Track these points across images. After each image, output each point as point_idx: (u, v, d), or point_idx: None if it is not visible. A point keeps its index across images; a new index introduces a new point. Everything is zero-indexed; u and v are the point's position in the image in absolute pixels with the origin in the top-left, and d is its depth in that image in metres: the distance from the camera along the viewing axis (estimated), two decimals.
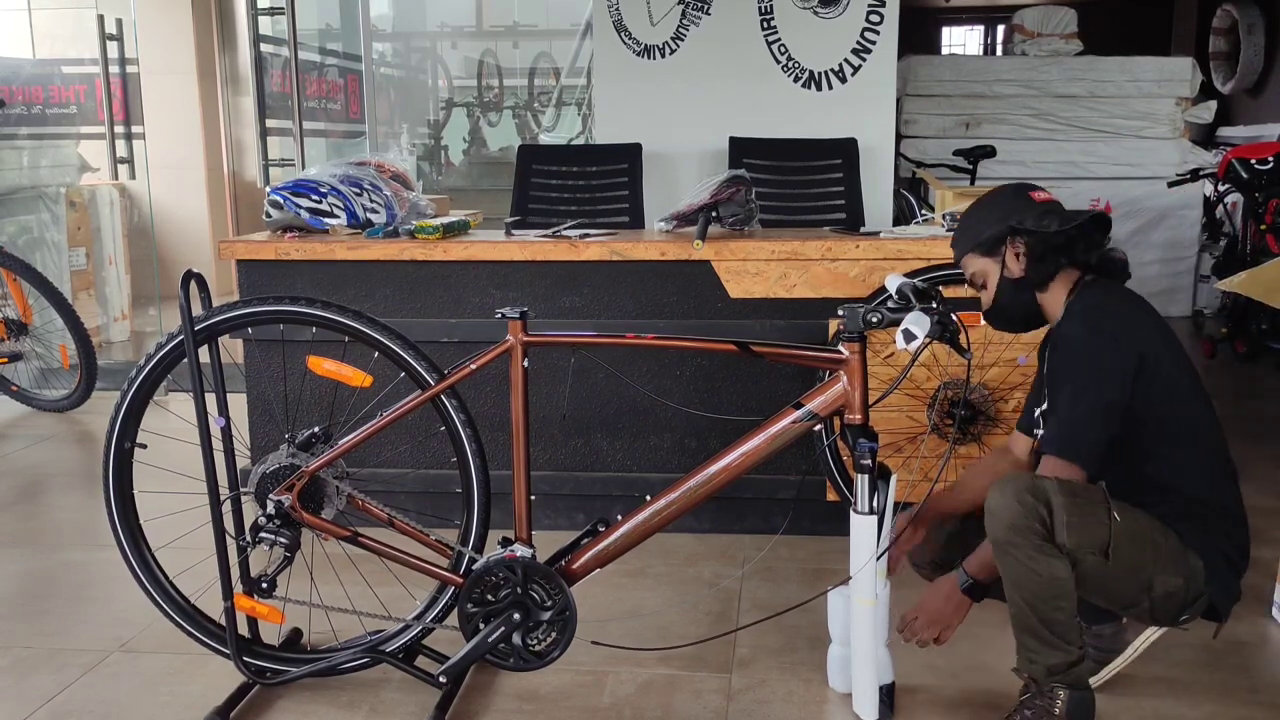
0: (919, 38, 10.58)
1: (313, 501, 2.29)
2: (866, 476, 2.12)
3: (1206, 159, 6.68)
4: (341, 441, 2.28)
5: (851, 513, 2.15)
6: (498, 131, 8.40)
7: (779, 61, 4.60)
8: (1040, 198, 2.26)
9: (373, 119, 7.58)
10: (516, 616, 2.20)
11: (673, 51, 4.66)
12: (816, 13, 4.55)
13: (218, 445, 2.29)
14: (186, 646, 2.44)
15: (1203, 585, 2.17)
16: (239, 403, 2.90)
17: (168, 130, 7.16)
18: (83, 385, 4.76)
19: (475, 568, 2.24)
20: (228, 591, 2.28)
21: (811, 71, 4.59)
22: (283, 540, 2.21)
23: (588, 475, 3.32)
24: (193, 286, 2.24)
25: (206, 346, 2.32)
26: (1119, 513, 2.10)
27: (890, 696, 2.26)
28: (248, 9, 6.08)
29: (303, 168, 5.47)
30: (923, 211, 5.52)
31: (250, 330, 2.59)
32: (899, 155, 6.48)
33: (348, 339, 2.34)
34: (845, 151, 4.44)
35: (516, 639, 2.21)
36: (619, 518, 2.28)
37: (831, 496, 3.16)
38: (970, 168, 6.31)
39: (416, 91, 8.71)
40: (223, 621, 2.33)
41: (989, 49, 11.96)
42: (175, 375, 2.36)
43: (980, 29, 12.18)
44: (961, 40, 12.33)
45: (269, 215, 3.37)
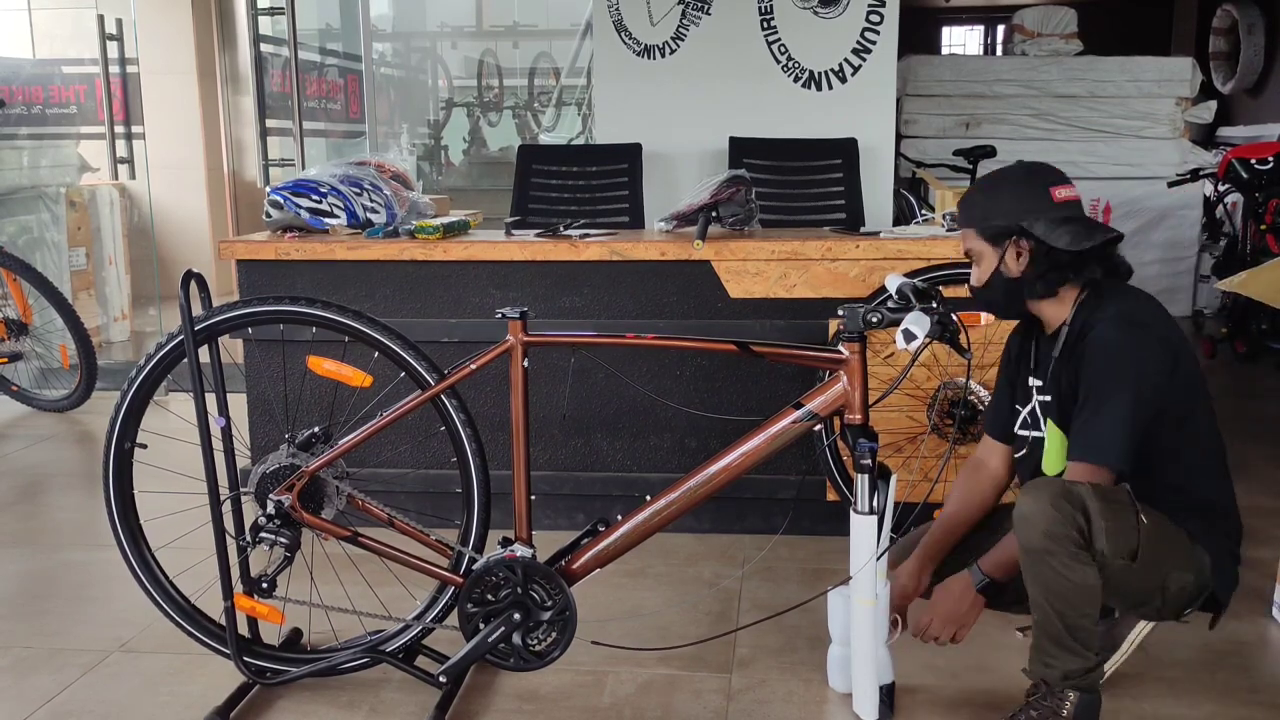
0: (919, 38, 10.58)
1: (313, 501, 2.29)
2: (866, 476, 2.11)
3: (1206, 159, 6.68)
4: (341, 441, 2.28)
5: (851, 513, 2.15)
6: (498, 131, 8.41)
7: (779, 61, 4.60)
8: (1060, 196, 2.17)
9: (373, 119, 7.58)
10: (516, 616, 2.20)
11: (673, 51, 4.66)
12: (816, 13, 4.55)
13: (218, 445, 2.29)
14: (186, 646, 2.44)
15: (1210, 579, 2.17)
16: (239, 403, 2.90)
17: (168, 130, 7.16)
18: (83, 385, 4.76)
19: (475, 568, 2.24)
20: (228, 591, 2.28)
21: (811, 71, 4.59)
22: (283, 540, 2.21)
23: (588, 475, 3.32)
24: (193, 286, 2.24)
25: (206, 346, 2.32)
26: (1146, 517, 2.08)
27: (890, 696, 2.26)
28: (248, 9, 6.08)
29: (303, 168, 5.47)
30: (923, 211, 5.52)
31: (250, 330, 2.59)
32: (899, 155, 6.48)
33: (348, 339, 2.34)
34: (845, 151, 4.44)
35: (516, 639, 2.21)
36: (619, 518, 2.28)
37: (831, 496, 3.16)
38: (970, 168, 6.31)
39: (416, 91, 8.71)
40: (223, 621, 2.32)
41: (989, 49, 11.97)
42: (175, 375, 2.36)
43: (980, 29, 12.18)
44: (961, 40, 12.34)
45: (269, 215, 3.37)
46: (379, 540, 2.29)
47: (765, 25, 4.59)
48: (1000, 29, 11.31)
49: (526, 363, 2.23)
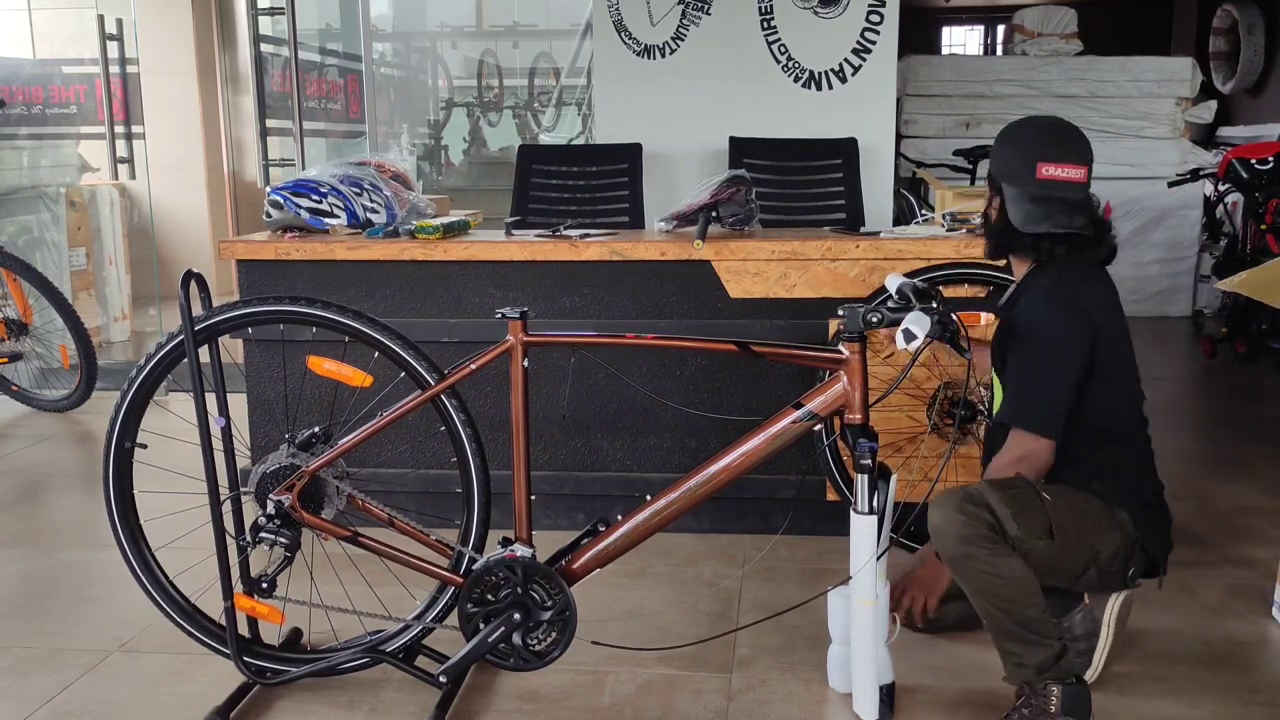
0: (919, 38, 10.59)
1: (313, 501, 2.29)
2: (866, 476, 2.12)
3: (1206, 159, 6.68)
4: (341, 441, 2.28)
5: (851, 513, 2.15)
6: (498, 131, 8.41)
7: (779, 61, 4.60)
8: (1045, 174, 2.27)
9: (373, 119, 7.58)
10: (517, 616, 2.20)
11: (673, 51, 4.66)
12: (816, 13, 4.55)
13: (218, 445, 2.29)
14: (186, 646, 2.44)
15: (1134, 533, 2.25)
16: (239, 403, 2.90)
17: (168, 130, 7.16)
18: (83, 385, 4.76)
19: (475, 568, 2.24)
20: (228, 591, 2.28)
21: (811, 71, 4.59)
22: (283, 540, 2.21)
23: (588, 475, 3.32)
24: (193, 286, 2.24)
25: (206, 346, 2.32)
26: (1046, 493, 2.18)
27: (890, 696, 2.26)
28: (248, 9, 6.09)
29: (303, 168, 5.47)
30: (923, 211, 5.52)
31: (250, 330, 2.59)
32: (899, 155, 6.48)
33: (348, 339, 2.34)
34: (845, 151, 4.45)
35: (517, 639, 2.21)
36: (619, 518, 2.28)
37: (831, 496, 3.16)
38: (970, 168, 6.31)
39: (416, 91, 8.71)
40: (223, 621, 2.32)
41: (989, 49, 11.97)
42: (175, 375, 2.36)
43: (980, 29, 12.18)
44: (961, 40, 12.34)
45: (269, 215, 3.37)
46: (379, 540, 2.29)
47: (765, 25, 4.59)
48: (1000, 29, 11.31)
49: (526, 363, 2.23)
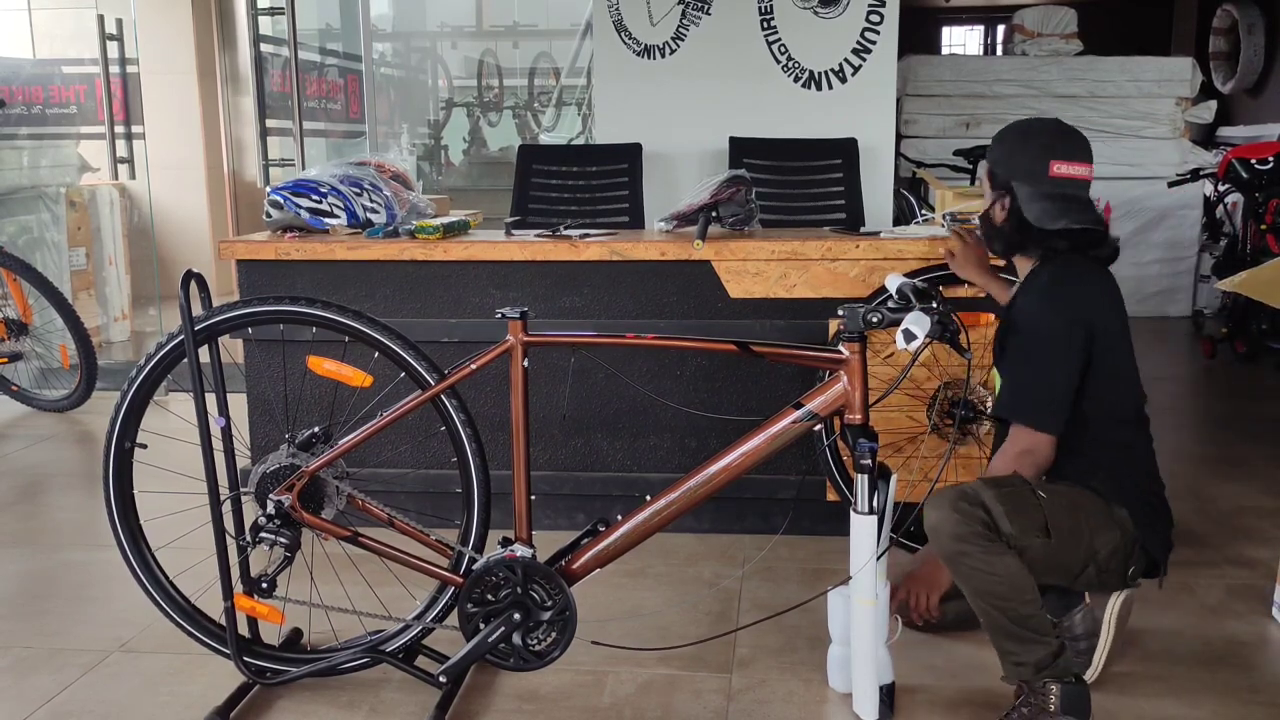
0: (919, 38, 10.59)
1: (313, 501, 2.29)
2: (866, 476, 2.12)
3: (1206, 159, 6.68)
4: (341, 441, 2.28)
5: (851, 513, 2.15)
6: (498, 131, 8.41)
7: (779, 61, 4.60)
8: (1058, 172, 2.29)
9: (373, 119, 7.58)
10: (517, 616, 2.20)
11: (673, 51, 4.66)
12: (816, 13, 4.55)
13: (218, 445, 2.29)
14: (186, 646, 2.44)
15: (1134, 531, 2.25)
16: (239, 403, 2.90)
17: (168, 130, 7.16)
18: (83, 385, 4.76)
19: (475, 568, 2.24)
20: (228, 591, 2.28)
21: (811, 71, 4.59)
22: (283, 540, 2.21)
23: (588, 475, 3.32)
24: (193, 286, 2.24)
25: (206, 346, 2.32)
26: (1043, 491, 2.19)
27: (890, 696, 2.26)
28: (248, 9, 6.09)
29: (303, 168, 5.47)
30: (923, 211, 5.52)
31: (250, 330, 2.59)
32: (899, 155, 6.48)
33: (348, 339, 2.34)
34: (845, 151, 4.45)
35: (517, 639, 2.21)
36: (619, 518, 2.28)
37: (831, 496, 3.16)
38: (970, 168, 6.31)
39: (416, 91, 8.72)
40: (223, 621, 2.32)
41: (989, 49, 11.97)
42: (175, 375, 2.36)
43: (980, 29, 12.18)
44: (961, 40, 12.34)
45: (269, 215, 3.37)
46: (379, 540, 2.29)
47: (765, 25, 4.59)
48: (1000, 29, 11.31)
49: (526, 363, 2.23)
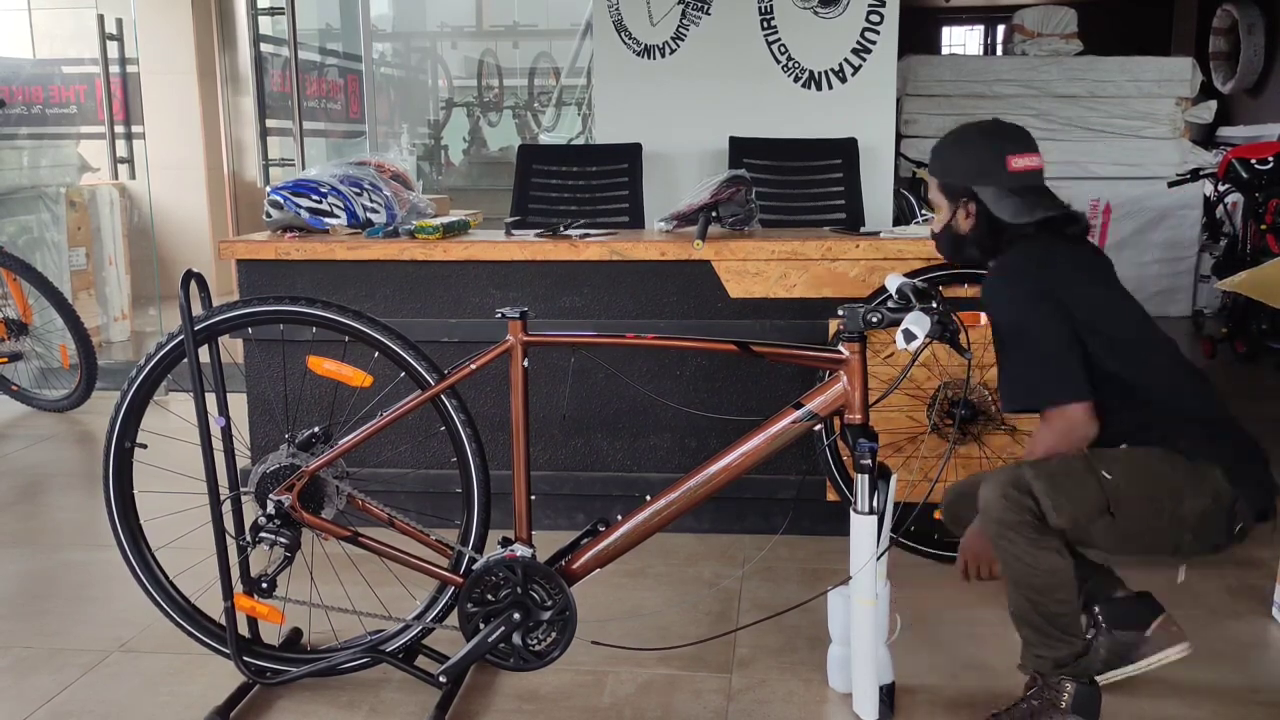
0: (919, 38, 10.58)
1: (313, 501, 2.29)
2: (866, 476, 2.12)
3: (1206, 159, 6.68)
4: (341, 441, 2.28)
5: (851, 513, 2.15)
6: (498, 131, 8.41)
7: (779, 61, 4.60)
8: (1016, 166, 2.24)
9: (373, 119, 7.59)
10: (516, 616, 2.20)
11: (673, 51, 4.66)
12: (816, 13, 4.55)
13: (218, 445, 2.29)
14: (186, 646, 2.44)
15: (1231, 489, 2.09)
16: (239, 403, 2.90)
17: (168, 130, 7.16)
18: (83, 385, 4.76)
19: (475, 568, 2.24)
20: (228, 591, 2.28)
21: (811, 71, 4.59)
22: (283, 540, 2.21)
23: (588, 475, 3.32)
24: (193, 286, 2.24)
25: (206, 346, 2.32)
26: (1107, 468, 2.07)
27: (890, 696, 2.26)
28: (248, 9, 6.09)
29: (303, 168, 5.48)
30: (923, 211, 5.52)
31: (250, 330, 2.59)
32: (899, 155, 6.47)
33: (348, 339, 2.34)
34: (845, 151, 4.44)
35: (516, 639, 2.21)
36: (619, 518, 2.28)
37: (831, 496, 3.16)
38: None
39: (416, 91, 8.72)
40: (223, 621, 2.33)
41: (989, 49, 11.97)
42: (175, 375, 2.36)
43: (980, 29, 12.18)
44: (961, 40, 12.34)
45: (269, 215, 3.37)
46: (379, 540, 2.29)
47: (765, 25, 4.58)
48: (1000, 29, 11.30)
49: (526, 363, 2.23)
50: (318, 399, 3.19)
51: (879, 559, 2.15)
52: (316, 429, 2.35)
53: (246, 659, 2.34)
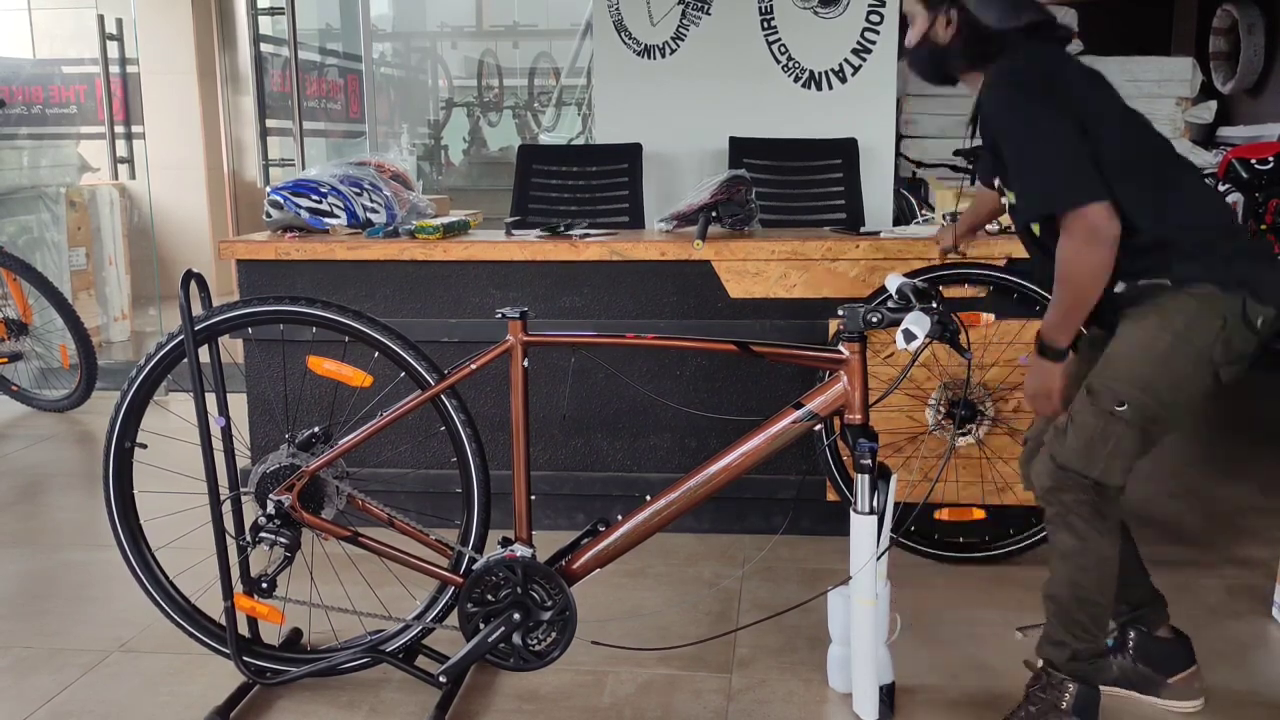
0: None
1: (313, 501, 2.29)
2: (866, 476, 2.12)
3: (1206, 159, 6.67)
4: (341, 441, 2.28)
5: (851, 513, 2.15)
6: (498, 131, 8.42)
7: (779, 61, 4.60)
8: None
9: (373, 119, 7.59)
10: (516, 616, 2.20)
11: (673, 51, 4.66)
12: (816, 13, 4.55)
13: (218, 445, 2.29)
14: (186, 646, 2.44)
15: (1235, 292, 2.00)
16: (239, 403, 2.90)
17: (168, 130, 7.17)
18: (83, 385, 4.76)
19: (475, 568, 2.24)
20: (228, 591, 2.28)
21: (811, 71, 4.59)
22: (283, 540, 2.21)
23: (588, 475, 3.32)
24: (193, 286, 2.25)
25: (206, 346, 2.32)
26: (1115, 398, 2.00)
27: (890, 696, 2.26)
28: (248, 9, 6.10)
29: (303, 168, 5.48)
30: (923, 211, 5.52)
31: (250, 330, 2.60)
32: (899, 155, 6.47)
33: (348, 339, 2.34)
34: (845, 151, 4.44)
35: (517, 639, 2.21)
36: (619, 518, 2.27)
37: (831, 496, 3.16)
38: (970, 168, 6.30)
39: (416, 91, 8.73)
40: (223, 621, 2.33)
41: None
42: (175, 375, 2.36)
43: None
44: None
45: (269, 215, 3.37)
46: (379, 540, 2.29)
47: (765, 25, 4.59)
48: None
49: (526, 363, 2.23)
50: (318, 399, 3.19)
51: (879, 559, 2.15)
52: (316, 429, 2.35)
53: (246, 659, 2.34)
